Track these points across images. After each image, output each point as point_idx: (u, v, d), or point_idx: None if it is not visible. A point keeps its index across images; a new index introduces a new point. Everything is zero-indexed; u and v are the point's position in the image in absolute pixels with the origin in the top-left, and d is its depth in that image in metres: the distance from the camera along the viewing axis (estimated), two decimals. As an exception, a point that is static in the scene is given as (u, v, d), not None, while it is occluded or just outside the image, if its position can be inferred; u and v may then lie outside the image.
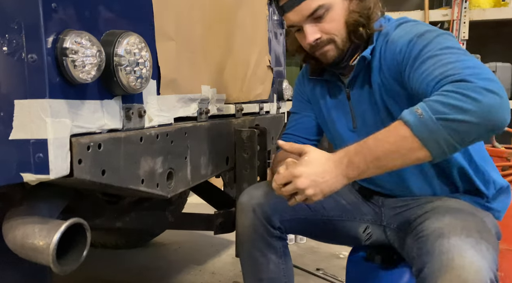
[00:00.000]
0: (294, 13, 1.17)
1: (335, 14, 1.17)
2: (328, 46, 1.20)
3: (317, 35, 1.18)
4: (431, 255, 0.97)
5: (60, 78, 0.80)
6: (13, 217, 0.95)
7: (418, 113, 0.91)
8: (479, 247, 0.95)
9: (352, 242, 1.41)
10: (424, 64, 1.01)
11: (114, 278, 2.23)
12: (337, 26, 1.18)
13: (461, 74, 0.91)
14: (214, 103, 1.44)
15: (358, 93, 1.25)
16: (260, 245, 1.31)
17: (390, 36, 1.16)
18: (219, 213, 1.64)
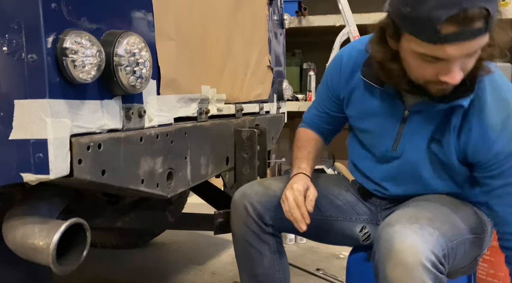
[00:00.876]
0: (459, 47, 0.93)
1: (476, 55, 0.98)
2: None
3: (462, 75, 0.99)
4: (378, 243, 1.03)
5: (60, 78, 0.80)
6: (13, 217, 0.95)
7: None
8: (421, 232, 0.99)
9: (348, 242, 1.41)
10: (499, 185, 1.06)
11: (114, 278, 2.23)
12: (471, 66, 1.00)
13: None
14: (214, 103, 1.44)
15: (422, 123, 1.15)
16: (253, 241, 1.32)
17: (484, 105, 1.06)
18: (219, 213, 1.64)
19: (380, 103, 1.22)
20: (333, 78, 1.33)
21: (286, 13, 2.29)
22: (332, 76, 1.33)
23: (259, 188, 1.35)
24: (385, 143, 1.23)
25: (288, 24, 2.31)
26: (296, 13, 3.52)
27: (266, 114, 2.03)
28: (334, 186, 1.41)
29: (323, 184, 1.41)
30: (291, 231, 1.40)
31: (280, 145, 4.15)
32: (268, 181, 1.42)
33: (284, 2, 2.33)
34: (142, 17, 1.04)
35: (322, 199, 1.36)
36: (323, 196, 1.37)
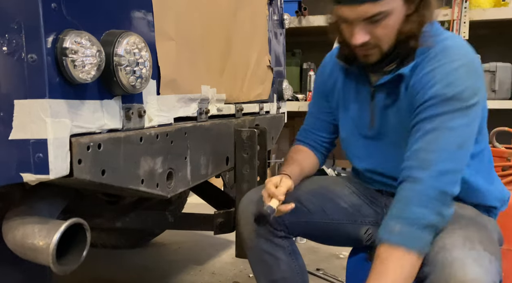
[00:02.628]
0: (350, 10, 1.08)
1: (391, 21, 1.09)
2: (373, 50, 1.14)
3: (366, 38, 1.11)
4: (433, 267, 0.98)
5: (60, 78, 0.80)
6: (13, 217, 0.95)
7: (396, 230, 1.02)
8: (482, 261, 0.95)
9: (353, 243, 1.41)
10: (419, 134, 1.08)
11: (114, 278, 2.23)
12: (389, 33, 1.11)
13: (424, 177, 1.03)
14: (214, 103, 1.44)
15: (385, 97, 1.22)
16: (267, 247, 1.30)
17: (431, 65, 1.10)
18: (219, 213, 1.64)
19: (354, 86, 1.30)
20: (319, 78, 1.44)
21: (286, 13, 2.29)
22: (318, 78, 1.45)
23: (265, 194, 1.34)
24: (363, 124, 1.29)
25: (288, 24, 2.31)
26: (296, 13, 3.52)
27: (266, 114, 2.03)
28: (340, 188, 1.41)
29: (328, 187, 1.41)
30: (300, 234, 1.41)
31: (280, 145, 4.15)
32: None
33: (284, 2, 2.33)
34: (142, 17, 1.04)
35: (327, 202, 1.36)
36: (328, 199, 1.37)
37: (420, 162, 1.05)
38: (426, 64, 1.12)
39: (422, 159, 1.05)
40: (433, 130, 1.05)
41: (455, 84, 1.06)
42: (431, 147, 1.05)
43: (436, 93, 1.06)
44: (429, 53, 1.12)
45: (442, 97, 1.05)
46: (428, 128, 1.06)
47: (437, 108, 1.06)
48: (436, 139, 1.05)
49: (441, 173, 1.03)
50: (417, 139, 1.07)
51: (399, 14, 1.09)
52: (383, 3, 1.05)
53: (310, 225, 1.35)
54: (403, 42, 1.12)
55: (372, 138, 1.28)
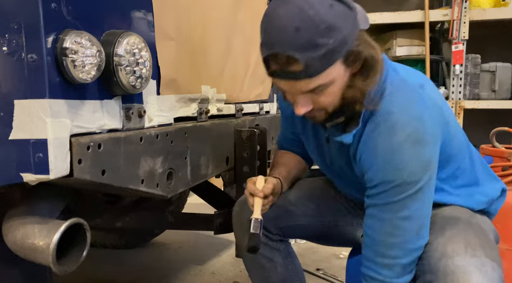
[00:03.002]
0: (289, 84, 1.00)
1: (334, 89, 1.01)
2: (318, 112, 1.07)
3: (309, 108, 1.04)
4: (435, 274, 0.98)
5: (60, 78, 0.80)
6: (13, 217, 0.95)
7: None
8: (485, 269, 0.95)
9: (351, 244, 1.42)
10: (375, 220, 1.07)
11: (114, 278, 2.23)
12: (333, 100, 1.03)
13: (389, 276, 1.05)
14: (214, 103, 1.44)
15: (337, 146, 1.18)
16: (263, 251, 1.30)
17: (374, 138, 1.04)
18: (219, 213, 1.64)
19: (312, 126, 1.24)
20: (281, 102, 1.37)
21: (286, 13, 2.29)
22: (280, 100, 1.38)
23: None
24: (323, 158, 1.26)
25: (288, 24, 2.30)
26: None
27: (266, 114, 2.03)
28: (335, 191, 1.41)
29: (323, 189, 1.41)
30: (296, 236, 1.41)
31: (280, 145, 4.15)
32: None
33: (284, 2, 2.33)
34: (142, 17, 1.04)
35: (323, 205, 1.36)
36: (324, 201, 1.37)
37: (383, 258, 1.05)
38: (370, 135, 1.06)
39: (384, 255, 1.05)
40: (389, 221, 1.04)
41: (402, 168, 1.01)
42: (390, 241, 1.04)
43: (385, 179, 1.02)
44: (372, 121, 1.05)
45: (391, 184, 1.02)
46: (383, 217, 1.05)
47: (388, 196, 1.03)
48: (394, 232, 1.04)
49: (404, 268, 1.04)
50: (374, 227, 1.07)
51: (342, 81, 1.00)
52: (322, 77, 0.96)
53: (306, 228, 1.36)
54: (348, 106, 1.06)
55: (333, 172, 1.28)
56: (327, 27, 0.91)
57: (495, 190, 1.24)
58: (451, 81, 3.50)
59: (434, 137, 1.04)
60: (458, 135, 1.16)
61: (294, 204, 1.34)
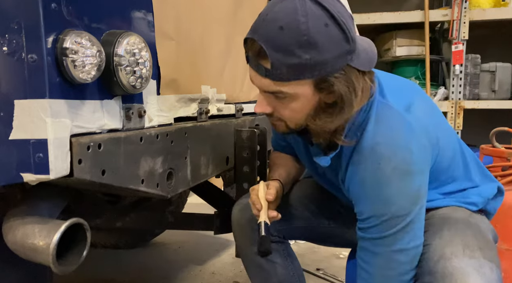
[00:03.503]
0: (255, 76, 0.98)
1: (296, 106, 0.97)
2: (278, 122, 1.04)
3: (267, 110, 1.02)
4: (433, 276, 0.98)
5: (60, 78, 0.80)
6: (13, 217, 0.95)
7: None
8: (483, 271, 0.95)
9: (350, 244, 1.41)
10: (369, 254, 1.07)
11: (114, 278, 2.23)
12: (293, 117, 1.00)
13: None
14: (214, 103, 1.44)
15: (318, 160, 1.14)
16: None
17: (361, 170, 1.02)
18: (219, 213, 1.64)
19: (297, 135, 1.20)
20: None
21: (286, 13, 2.29)
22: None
23: None
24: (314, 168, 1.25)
25: (288, 24, 2.30)
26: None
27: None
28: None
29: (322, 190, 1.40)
30: (296, 238, 1.41)
31: (280, 145, 4.14)
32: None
33: (284, 2, 2.33)
34: (142, 17, 1.04)
35: (323, 206, 1.36)
36: (323, 203, 1.37)
37: None
38: (356, 168, 1.04)
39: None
40: (383, 255, 1.05)
41: (391, 202, 1.00)
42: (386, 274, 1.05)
43: (374, 213, 1.03)
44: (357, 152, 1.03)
45: (382, 218, 1.02)
46: (376, 251, 1.05)
47: (379, 231, 1.03)
48: (390, 265, 1.04)
49: None
50: (367, 261, 1.08)
51: (306, 103, 0.97)
52: (285, 85, 0.93)
53: (306, 229, 1.35)
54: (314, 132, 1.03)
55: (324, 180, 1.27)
56: (309, 42, 0.87)
57: (490, 190, 1.23)
58: (451, 81, 3.50)
59: (422, 165, 1.02)
60: (450, 144, 1.14)
61: (293, 205, 1.34)
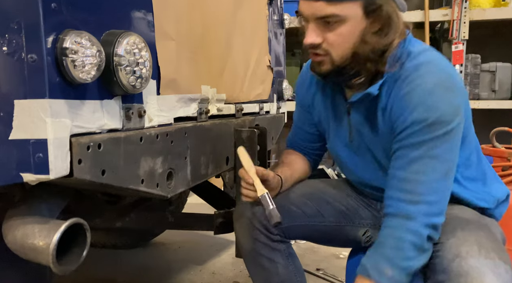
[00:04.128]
0: (307, 5, 1.07)
1: (346, 30, 1.05)
2: (324, 57, 1.10)
3: (318, 40, 1.08)
4: (447, 275, 0.98)
5: (60, 78, 0.80)
6: (13, 217, 0.95)
7: (389, 275, 1.02)
8: (498, 271, 0.95)
9: (351, 244, 1.41)
10: (404, 161, 1.06)
11: (114, 278, 2.23)
12: (342, 43, 1.07)
13: (415, 211, 1.03)
14: (214, 103, 1.44)
15: (360, 114, 1.20)
16: (264, 252, 1.30)
17: (406, 86, 1.06)
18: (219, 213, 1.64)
19: (331, 100, 1.29)
20: (298, 90, 1.42)
21: (286, 13, 2.29)
22: (297, 88, 1.43)
23: None
24: (343, 137, 1.28)
25: (288, 24, 2.31)
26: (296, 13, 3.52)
27: (266, 114, 2.03)
28: (336, 191, 1.41)
29: (324, 190, 1.41)
30: (298, 237, 1.40)
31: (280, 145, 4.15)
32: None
33: (284, 2, 2.33)
34: (142, 17, 1.04)
35: (324, 205, 1.36)
36: (325, 201, 1.37)
37: (408, 195, 1.04)
38: (400, 86, 1.08)
39: (409, 191, 1.04)
40: (418, 159, 1.04)
41: (434, 108, 1.03)
42: (418, 178, 1.04)
43: (417, 118, 1.04)
44: (401, 74, 1.08)
45: (424, 123, 1.03)
46: (412, 156, 1.05)
47: (419, 135, 1.04)
48: (423, 170, 1.04)
49: (430, 207, 1.04)
50: (402, 166, 1.06)
51: (356, 26, 1.05)
52: (338, 6, 1.02)
53: (307, 228, 1.35)
54: (359, 63, 1.09)
55: (354, 152, 1.28)
56: None
57: (501, 192, 1.25)
58: (451, 81, 3.50)
59: (463, 91, 1.10)
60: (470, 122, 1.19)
61: (295, 204, 1.34)
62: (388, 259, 1.04)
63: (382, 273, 1.03)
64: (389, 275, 1.02)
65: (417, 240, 1.02)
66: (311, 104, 1.38)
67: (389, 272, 1.02)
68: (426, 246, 1.03)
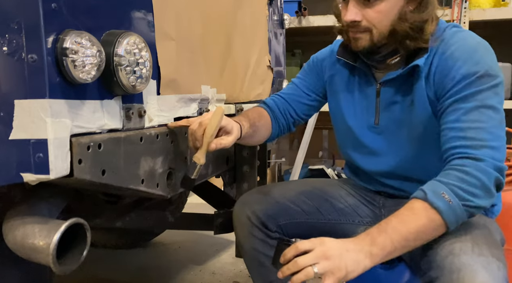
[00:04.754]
0: None
1: (385, 7, 1.10)
2: (363, 34, 1.14)
3: (357, 17, 1.12)
4: (440, 271, 0.97)
5: (60, 78, 0.80)
6: (13, 217, 0.95)
7: (446, 198, 0.98)
8: (490, 268, 0.95)
9: None
10: (460, 113, 1.06)
11: (114, 278, 2.23)
12: (382, 20, 1.11)
13: (482, 154, 1.01)
14: (214, 103, 1.44)
15: (393, 93, 1.21)
16: (263, 249, 1.31)
17: (448, 48, 1.12)
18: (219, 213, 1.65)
19: (357, 83, 1.30)
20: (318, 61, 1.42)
21: (286, 13, 2.29)
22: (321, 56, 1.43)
23: (259, 196, 1.34)
24: (367, 120, 1.27)
25: (288, 24, 2.31)
26: (296, 13, 3.52)
27: (266, 114, 2.03)
28: (335, 189, 1.41)
29: (323, 188, 1.41)
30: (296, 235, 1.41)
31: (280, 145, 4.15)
32: (267, 187, 1.42)
33: (284, 2, 2.33)
34: (142, 17, 1.04)
35: (323, 203, 1.36)
36: (324, 200, 1.37)
37: (473, 141, 1.03)
38: (443, 49, 1.13)
39: (473, 138, 1.03)
40: (474, 109, 1.05)
41: (482, 62, 1.08)
42: (478, 126, 1.04)
43: (468, 72, 1.06)
44: (444, 45, 1.13)
45: (474, 76, 1.06)
46: (468, 107, 1.05)
47: (472, 86, 1.06)
48: (481, 118, 1.04)
49: (496, 151, 1.02)
50: (458, 118, 1.06)
51: (395, 3, 1.10)
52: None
53: (306, 226, 1.35)
54: (398, 41, 1.13)
55: (379, 135, 1.26)
56: None
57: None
58: (451, 81, 3.50)
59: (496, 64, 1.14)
60: None
61: (293, 202, 1.35)
62: (450, 186, 0.99)
63: (439, 196, 0.98)
64: (446, 200, 0.98)
65: (486, 180, 0.99)
66: (328, 80, 1.38)
67: (447, 197, 0.98)
68: (492, 189, 1.01)
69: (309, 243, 0.97)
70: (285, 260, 0.98)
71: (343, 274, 0.93)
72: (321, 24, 3.45)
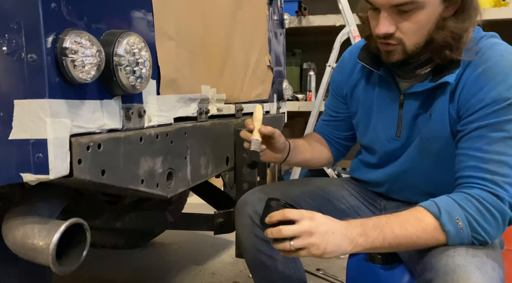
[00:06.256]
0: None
1: (422, 17, 1.01)
2: (396, 46, 1.06)
3: (391, 30, 1.03)
4: (435, 273, 0.97)
5: (59, 78, 0.80)
6: (13, 217, 0.95)
7: (459, 225, 0.98)
8: (485, 269, 0.94)
9: None
10: (484, 141, 1.01)
11: (114, 278, 2.23)
12: (417, 31, 1.03)
13: (503, 193, 0.99)
14: (214, 103, 1.44)
15: (417, 106, 1.16)
16: (264, 248, 1.30)
17: (482, 64, 1.04)
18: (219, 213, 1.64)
19: (379, 92, 1.25)
20: (337, 76, 1.39)
21: (286, 13, 2.30)
22: (336, 75, 1.40)
23: (261, 195, 1.34)
24: (388, 131, 1.24)
25: (288, 24, 2.31)
26: (296, 13, 3.52)
27: (266, 114, 2.03)
28: (337, 190, 1.41)
29: (325, 188, 1.40)
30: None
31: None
32: (269, 187, 1.42)
33: (284, 2, 2.33)
34: (142, 17, 1.04)
35: (325, 203, 1.36)
36: (326, 200, 1.37)
37: (494, 175, 1.00)
38: (475, 65, 1.05)
39: (495, 172, 1.00)
40: (502, 140, 1.00)
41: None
42: (502, 159, 1.01)
43: (499, 96, 1.00)
44: (473, 63, 1.06)
45: (506, 102, 1.00)
46: (496, 137, 1.01)
47: (502, 114, 1.00)
48: (507, 151, 1.00)
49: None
50: (481, 148, 1.02)
51: (433, 12, 1.01)
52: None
53: None
54: (435, 51, 1.06)
55: (400, 148, 1.24)
56: None
57: None
58: (451, 81, 3.49)
59: None
60: None
61: (295, 201, 1.34)
62: (466, 214, 0.98)
63: (453, 220, 0.97)
64: (460, 226, 0.97)
65: (501, 220, 0.99)
66: (349, 93, 1.34)
67: (460, 223, 0.98)
68: (503, 228, 1.01)
69: (298, 214, 0.97)
70: (270, 223, 0.98)
71: (319, 253, 0.94)
72: (321, 24, 3.45)
